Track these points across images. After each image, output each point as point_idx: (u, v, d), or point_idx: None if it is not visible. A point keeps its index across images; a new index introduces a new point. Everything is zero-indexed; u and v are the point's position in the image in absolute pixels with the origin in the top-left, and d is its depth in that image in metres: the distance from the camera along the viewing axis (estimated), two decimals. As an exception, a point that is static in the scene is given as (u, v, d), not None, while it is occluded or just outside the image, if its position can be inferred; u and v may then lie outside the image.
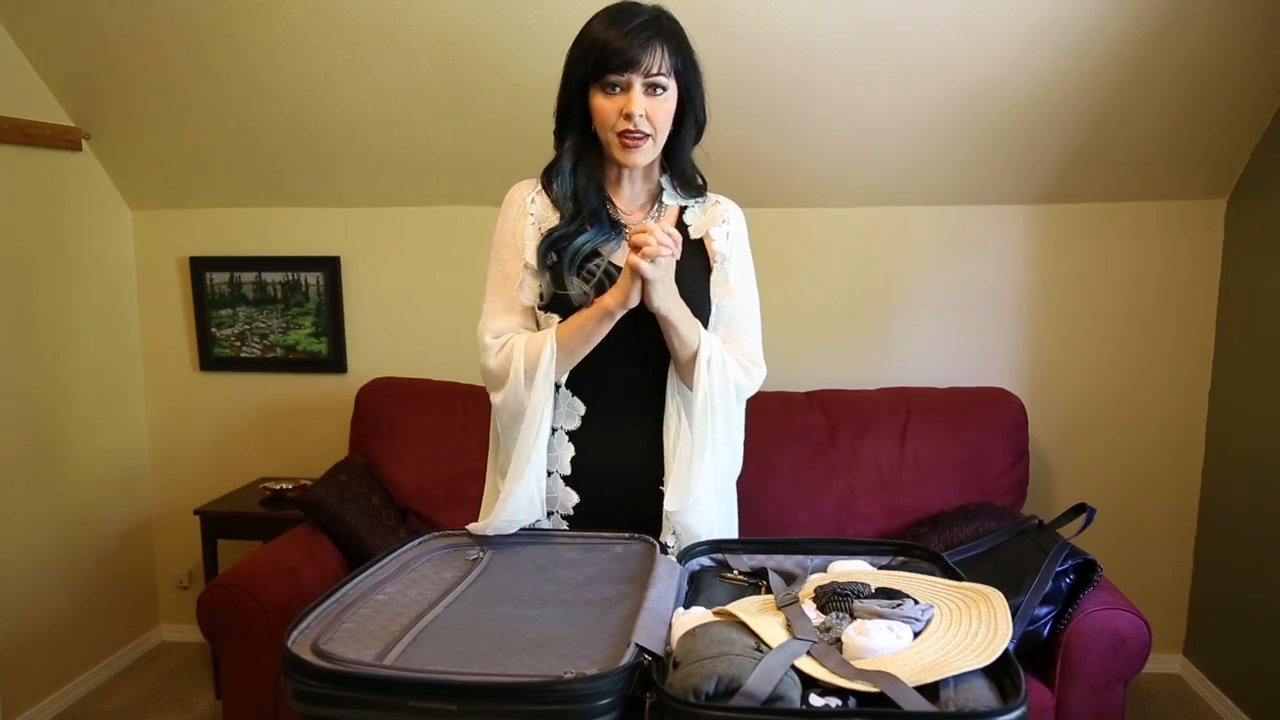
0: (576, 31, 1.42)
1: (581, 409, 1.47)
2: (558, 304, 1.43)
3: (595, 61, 1.34)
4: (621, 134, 1.36)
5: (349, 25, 2.39)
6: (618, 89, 1.35)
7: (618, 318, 1.37)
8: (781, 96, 2.47)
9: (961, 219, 2.79)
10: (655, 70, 1.34)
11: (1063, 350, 2.82)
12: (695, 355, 1.40)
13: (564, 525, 1.48)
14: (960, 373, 2.82)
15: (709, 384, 1.40)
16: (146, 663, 3.04)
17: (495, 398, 1.45)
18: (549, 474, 1.46)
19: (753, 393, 1.52)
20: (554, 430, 1.46)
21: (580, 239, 1.41)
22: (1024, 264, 2.79)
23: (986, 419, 2.60)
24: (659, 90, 1.36)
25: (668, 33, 1.36)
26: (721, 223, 1.50)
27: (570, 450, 1.47)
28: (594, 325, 1.38)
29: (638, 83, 1.34)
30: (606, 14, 1.38)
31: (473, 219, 2.88)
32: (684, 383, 1.45)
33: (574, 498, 1.48)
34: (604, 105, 1.37)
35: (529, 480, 1.37)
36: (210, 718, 2.68)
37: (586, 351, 1.40)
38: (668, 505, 1.39)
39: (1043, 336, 2.82)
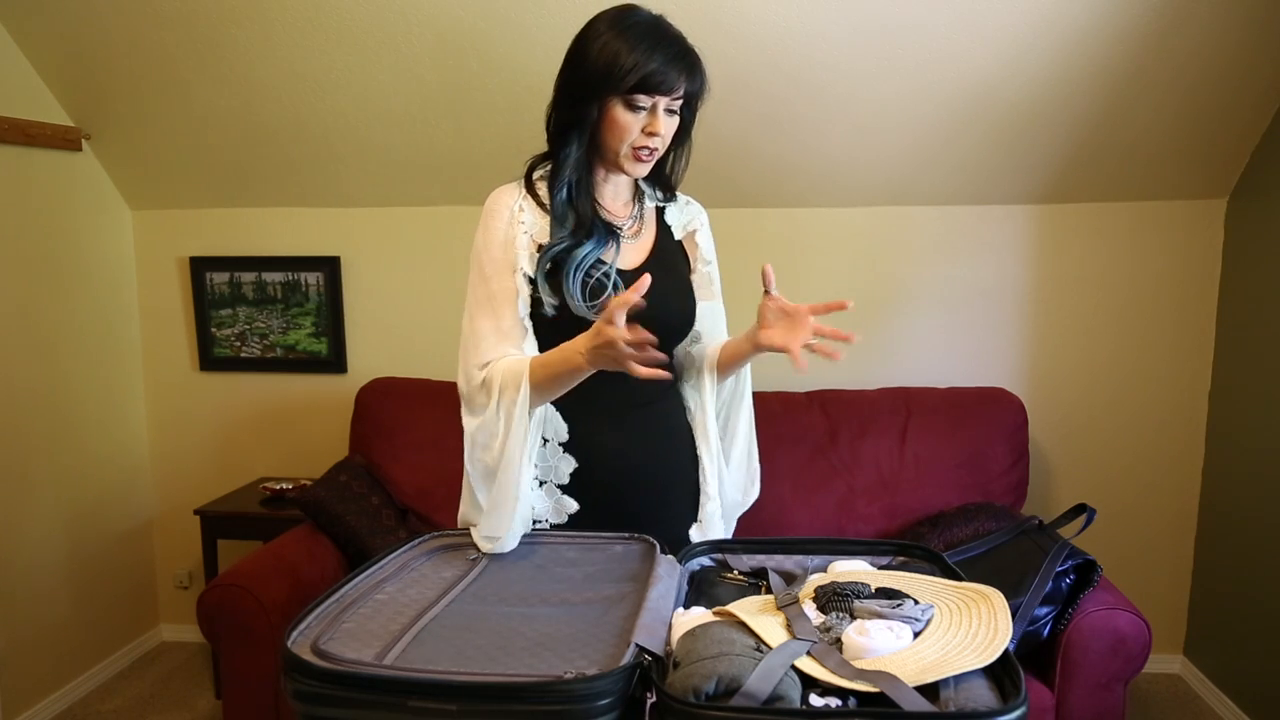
0: (576, 31, 1.41)
1: (564, 431, 1.46)
2: (561, 313, 1.40)
3: (637, 81, 1.34)
4: (638, 149, 1.40)
5: (349, 25, 2.39)
6: (644, 108, 1.37)
7: (589, 374, 1.33)
8: (781, 96, 2.47)
9: (962, 219, 2.79)
10: (680, 94, 1.39)
11: (1063, 350, 2.82)
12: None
13: None
14: (960, 373, 2.82)
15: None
16: (146, 663, 3.04)
17: (469, 423, 1.41)
18: (543, 483, 1.46)
19: None
20: (545, 441, 1.46)
21: (583, 250, 1.41)
22: (1024, 264, 2.79)
23: (986, 419, 2.60)
24: (673, 112, 1.41)
25: (696, 61, 1.40)
26: (700, 226, 1.59)
27: (570, 462, 1.47)
28: (568, 377, 1.34)
29: (663, 103, 1.38)
30: (631, 29, 1.36)
31: (473, 219, 2.79)
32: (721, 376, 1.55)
33: (572, 505, 1.47)
34: (627, 119, 1.37)
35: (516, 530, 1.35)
36: (210, 718, 2.68)
37: (562, 393, 1.38)
38: (693, 534, 1.52)
39: (1043, 336, 2.82)
